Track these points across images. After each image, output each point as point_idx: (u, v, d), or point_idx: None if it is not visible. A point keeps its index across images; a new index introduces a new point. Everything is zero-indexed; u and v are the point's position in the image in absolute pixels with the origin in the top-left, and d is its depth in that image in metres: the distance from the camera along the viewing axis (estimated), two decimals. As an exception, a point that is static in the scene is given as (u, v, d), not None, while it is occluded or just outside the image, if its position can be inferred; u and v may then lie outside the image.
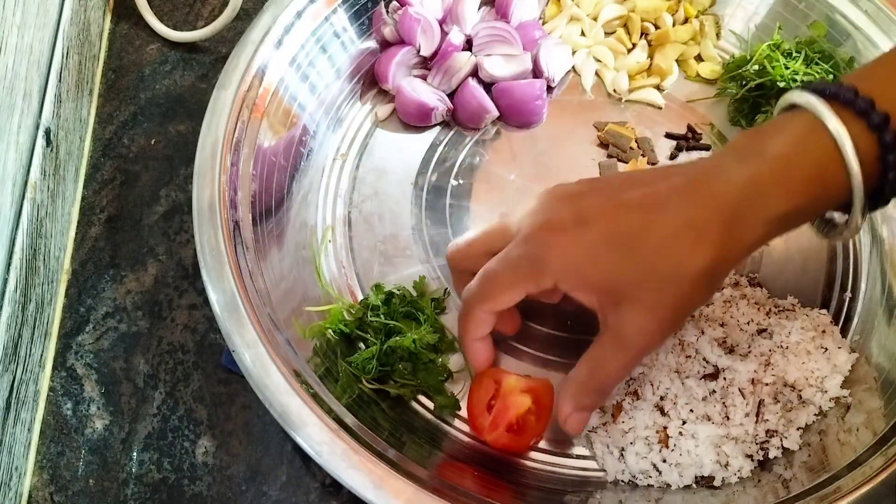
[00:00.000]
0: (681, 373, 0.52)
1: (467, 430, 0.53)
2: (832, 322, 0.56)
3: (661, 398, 0.51)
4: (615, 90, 0.67)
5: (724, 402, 0.51)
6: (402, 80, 0.65)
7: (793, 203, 0.44)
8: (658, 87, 0.68)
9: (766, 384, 0.51)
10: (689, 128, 0.66)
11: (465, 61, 0.65)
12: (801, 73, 0.63)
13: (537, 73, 0.66)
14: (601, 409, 0.53)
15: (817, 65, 0.63)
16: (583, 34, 0.70)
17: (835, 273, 0.59)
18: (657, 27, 0.69)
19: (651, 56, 0.68)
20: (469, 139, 0.65)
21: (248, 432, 0.56)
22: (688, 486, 0.50)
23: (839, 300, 0.58)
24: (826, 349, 0.53)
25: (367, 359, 0.52)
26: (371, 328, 0.54)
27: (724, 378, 0.51)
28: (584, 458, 0.53)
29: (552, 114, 0.66)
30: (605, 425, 0.52)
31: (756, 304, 0.56)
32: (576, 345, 0.53)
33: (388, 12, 0.66)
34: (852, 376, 0.53)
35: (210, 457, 0.55)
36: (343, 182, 0.63)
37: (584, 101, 0.67)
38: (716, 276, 0.45)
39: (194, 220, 0.52)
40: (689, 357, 0.52)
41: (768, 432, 0.51)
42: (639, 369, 0.52)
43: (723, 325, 0.54)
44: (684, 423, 0.50)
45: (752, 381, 0.51)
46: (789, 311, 0.56)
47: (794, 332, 0.53)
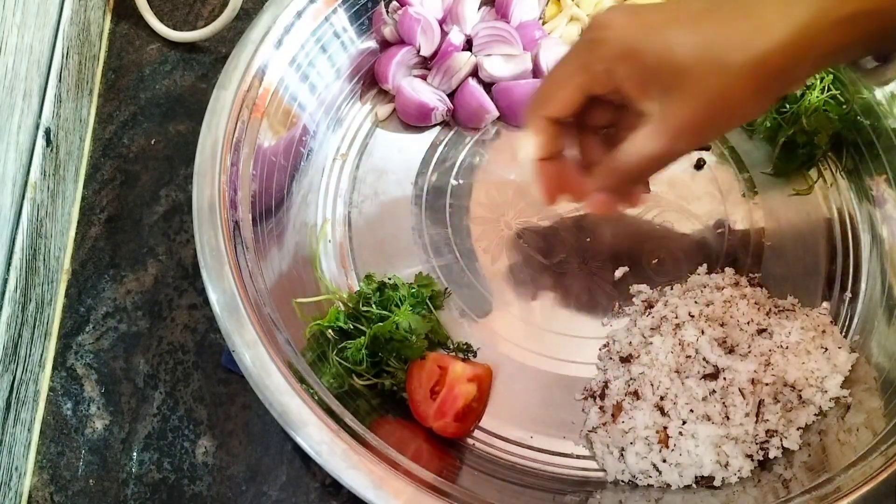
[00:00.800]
0: (681, 373, 0.52)
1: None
2: (832, 322, 0.56)
3: (661, 398, 0.51)
4: (615, 90, 0.67)
5: (724, 402, 0.51)
6: (403, 80, 0.65)
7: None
8: (658, 88, 0.68)
9: (766, 384, 0.51)
10: (689, 128, 0.66)
11: (465, 61, 0.65)
12: None
13: (537, 73, 0.66)
14: (601, 409, 0.53)
15: None
16: (583, 34, 0.70)
17: (835, 273, 0.59)
18: (657, 27, 0.69)
19: (651, 56, 0.68)
20: (469, 139, 0.65)
21: (248, 432, 0.56)
22: (688, 486, 0.50)
23: (839, 300, 0.58)
24: (826, 349, 0.53)
25: (356, 349, 0.52)
26: (364, 318, 0.54)
27: (724, 378, 0.51)
28: (584, 458, 0.53)
29: (552, 114, 0.66)
30: (605, 425, 0.52)
31: (756, 304, 0.56)
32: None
33: (388, 12, 0.65)
34: (852, 376, 0.53)
35: (210, 457, 0.55)
36: (343, 182, 0.63)
37: (583, 101, 0.67)
38: (772, 77, 0.42)
39: (194, 220, 0.52)
40: (689, 357, 0.52)
41: (768, 432, 0.51)
42: (638, 369, 0.52)
43: (723, 325, 0.54)
44: (684, 423, 0.50)
45: (752, 381, 0.51)
46: (789, 311, 0.56)
47: (794, 332, 0.53)
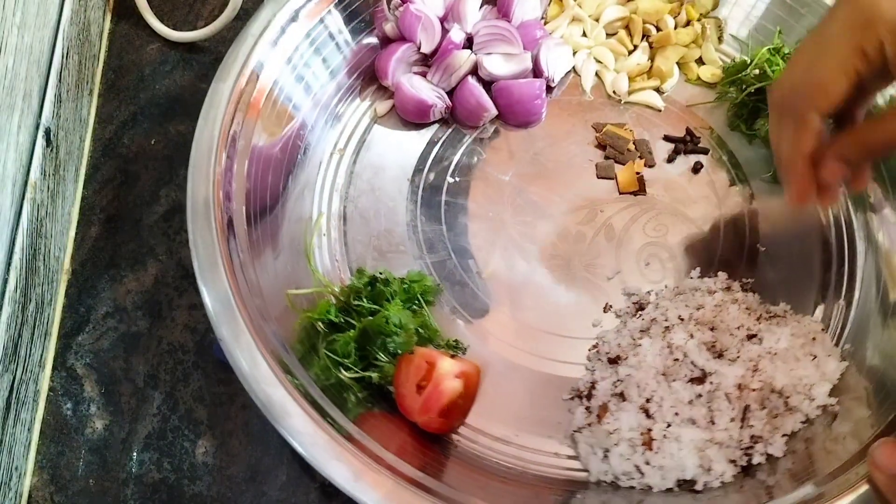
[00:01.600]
0: (668, 375, 0.52)
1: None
2: (824, 329, 0.55)
3: (647, 400, 0.51)
4: (615, 91, 0.67)
5: (709, 407, 0.50)
6: (402, 76, 0.65)
7: None
8: (658, 90, 0.68)
9: (754, 390, 0.51)
10: (688, 131, 0.65)
11: (464, 59, 0.65)
12: None
13: (537, 72, 0.66)
14: (587, 409, 0.53)
15: None
16: (584, 35, 0.70)
17: (829, 280, 0.59)
18: (659, 29, 0.69)
19: (652, 58, 0.68)
20: (467, 137, 0.65)
21: (248, 432, 0.56)
22: (669, 489, 0.50)
23: (833, 307, 0.58)
24: (815, 356, 0.53)
25: (345, 342, 0.52)
26: (355, 312, 0.54)
27: (711, 382, 0.51)
28: (569, 457, 0.53)
29: (551, 114, 0.66)
30: (590, 426, 0.52)
31: (748, 309, 0.55)
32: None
33: (389, 9, 0.66)
34: (841, 384, 0.53)
35: (210, 457, 0.55)
36: (340, 176, 0.63)
37: (583, 101, 0.67)
38: None
39: (188, 211, 0.52)
40: (677, 360, 0.52)
41: (753, 438, 0.50)
42: (625, 371, 0.52)
43: (713, 329, 0.54)
44: (669, 425, 0.50)
45: (739, 387, 0.50)
46: (780, 317, 0.55)
47: (784, 339, 0.53)
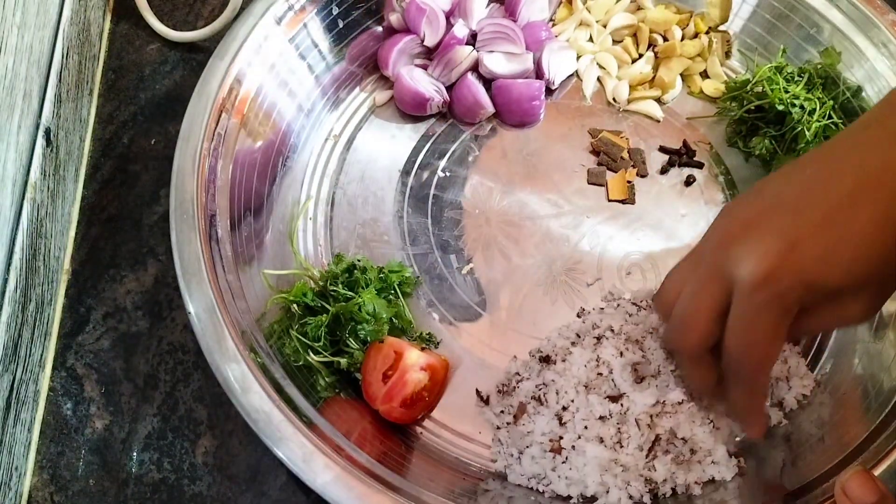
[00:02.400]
0: (588, 388, 0.51)
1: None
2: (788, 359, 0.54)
3: (564, 408, 0.50)
4: (615, 99, 0.67)
5: (619, 428, 0.49)
6: (403, 68, 0.65)
7: None
8: (659, 101, 0.67)
9: (659, 430, 0.49)
10: (684, 143, 0.65)
11: (466, 55, 0.65)
12: (801, 98, 0.62)
13: (539, 74, 0.66)
14: (507, 408, 0.53)
15: (819, 90, 0.62)
16: (591, 40, 0.69)
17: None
18: (665, 39, 0.69)
19: (655, 68, 0.68)
20: (464, 133, 0.65)
21: (248, 432, 0.55)
22: (570, 498, 0.49)
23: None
24: (713, 421, 0.50)
25: (316, 325, 0.52)
26: (331, 297, 0.54)
27: (622, 405, 0.50)
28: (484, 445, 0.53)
29: (549, 116, 0.66)
30: (508, 425, 0.52)
31: None
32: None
33: (397, 0, 0.66)
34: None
35: (210, 457, 0.55)
36: (332, 162, 0.64)
37: (582, 106, 0.67)
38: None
39: (172, 179, 0.53)
40: (601, 375, 0.51)
41: (656, 474, 0.49)
42: (551, 375, 0.52)
43: (643, 352, 0.52)
44: (579, 437, 0.49)
45: (651, 417, 0.49)
46: None
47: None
